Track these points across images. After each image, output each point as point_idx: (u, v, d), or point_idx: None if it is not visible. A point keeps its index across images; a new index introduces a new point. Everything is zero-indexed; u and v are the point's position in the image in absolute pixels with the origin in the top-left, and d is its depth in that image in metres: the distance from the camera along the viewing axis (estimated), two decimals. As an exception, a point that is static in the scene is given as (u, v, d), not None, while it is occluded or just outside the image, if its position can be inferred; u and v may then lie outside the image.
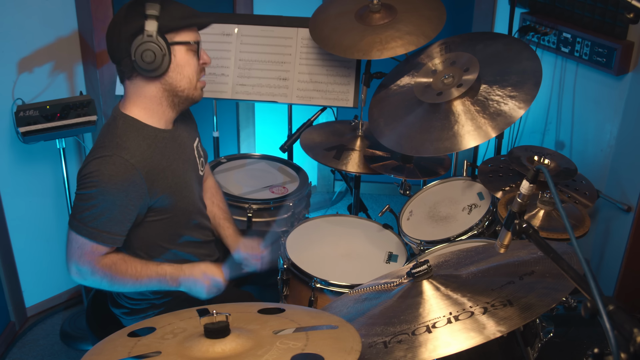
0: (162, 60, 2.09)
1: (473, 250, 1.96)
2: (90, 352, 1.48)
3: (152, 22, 2.05)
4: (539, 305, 1.50)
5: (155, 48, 2.06)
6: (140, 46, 2.05)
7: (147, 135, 2.15)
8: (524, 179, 1.47)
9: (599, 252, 3.68)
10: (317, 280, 2.40)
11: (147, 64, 2.08)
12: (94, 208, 2.03)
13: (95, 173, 2.02)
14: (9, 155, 3.23)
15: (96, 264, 2.08)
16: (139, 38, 2.05)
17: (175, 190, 2.23)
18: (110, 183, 2.02)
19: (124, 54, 2.09)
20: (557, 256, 1.31)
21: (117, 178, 2.03)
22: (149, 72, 2.10)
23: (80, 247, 2.07)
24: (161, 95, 2.18)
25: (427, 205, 2.73)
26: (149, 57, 2.07)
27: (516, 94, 2.49)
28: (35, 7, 3.10)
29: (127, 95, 2.18)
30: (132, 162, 2.06)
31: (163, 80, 2.15)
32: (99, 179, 2.02)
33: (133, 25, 2.06)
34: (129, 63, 2.10)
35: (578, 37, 3.48)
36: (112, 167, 2.03)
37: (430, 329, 1.53)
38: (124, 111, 2.16)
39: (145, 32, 2.05)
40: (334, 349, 1.37)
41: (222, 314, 1.42)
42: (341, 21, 2.94)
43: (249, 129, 4.22)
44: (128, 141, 2.09)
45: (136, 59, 2.06)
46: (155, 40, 2.06)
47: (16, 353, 3.36)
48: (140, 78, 2.14)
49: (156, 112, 2.19)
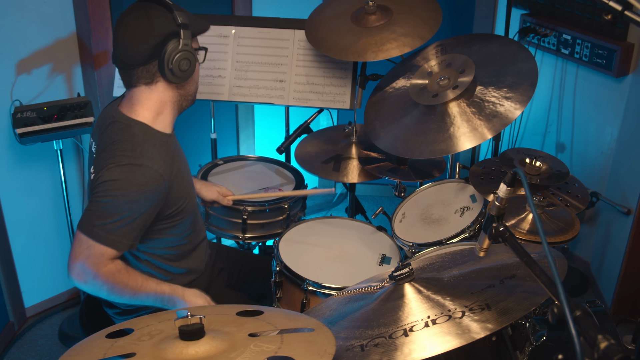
0: (194, 69, 2.15)
1: (458, 253, 1.95)
2: (67, 352, 1.48)
3: (187, 31, 2.08)
4: (516, 309, 1.49)
5: (191, 57, 2.11)
6: (177, 55, 2.07)
7: (161, 142, 2.16)
8: (502, 182, 1.46)
9: (599, 255, 3.66)
10: (309, 283, 2.39)
11: (183, 72, 2.11)
12: (118, 216, 2.03)
13: (123, 182, 2.02)
14: (8, 156, 3.25)
15: (101, 268, 2.06)
16: (174, 45, 2.07)
17: (185, 194, 2.26)
18: (139, 193, 2.03)
19: (148, 59, 2.09)
20: (530, 260, 1.31)
21: (146, 188, 2.04)
22: (180, 80, 2.14)
23: (90, 248, 2.04)
24: (175, 100, 2.21)
25: (420, 207, 2.72)
26: (185, 65, 2.11)
27: (512, 95, 2.48)
28: (33, 9, 3.11)
29: (137, 100, 2.16)
30: (160, 172, 2.07)
31: (181, 87, 2.19)
32: (128, 188, 2.02)
33: (162, 31, 2.07)
34: (152, 69, 2.11)
35: (578, 39, 3.46)
36: (142, 177, 2.03)
37: (407, 333, 1.52)
38: (134, 117, 2.15)
39: (182, 41, 2.07)
40: (308, 352, 1.36)
41: (196, 316, 1.42)
42: (337, 23, 2.94)
43: (249, 130, 4.22)
44: (150, 150, 2.09)
45: (173, 66, 2.08)
46: (191, 49, 2.10)
47: (15, 353, 3.38)
48: (163, 84, 2.15)
49: (166, 116, 2.20)
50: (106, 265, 2.07)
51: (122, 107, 2.19)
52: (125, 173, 2.03)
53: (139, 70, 2.11)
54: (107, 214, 2.02)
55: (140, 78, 2.13)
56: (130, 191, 2.02)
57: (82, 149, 3.47)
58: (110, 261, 2.08)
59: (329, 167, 2.97)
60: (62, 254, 3.59)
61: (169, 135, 2.21)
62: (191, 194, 2.33)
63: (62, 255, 3.59)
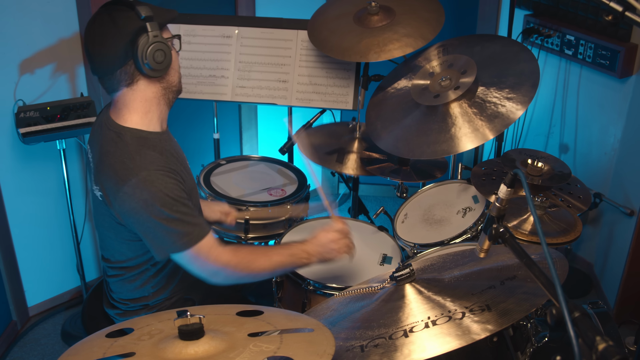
0: (171, 58, 2.13)
1: (459, 254, 1.95)
2: (67, 352, 1.48)
3: (153, 23, 2.06)
4: (516, 310, 1.49)
5: (164, 47, 2.08)
6: (149, 48, 2.05)
7: (155, 144, 2.14)
8: (502, 183, 1.46)
9: (602, 256, 3.65)
10: (309, 283, 2.39)
11: (159, 64, 2.09)
12: (179, 221, 2.03)
13: (151, 199, 2.00)
14: (11, 156, 3.26)
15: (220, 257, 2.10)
16: (144, 41, 2.05)
17: (191, 188, 2.25)
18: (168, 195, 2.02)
19: (123, 60, 2.07)
20: (530, 261, 1.30)
21: (168, 187, 2.03)
22: (159, 72, 2.12)
23: (199, 254, 2.07)
24: (160, 95, 2.18)
25: (422, 208, 2.72)
26: (160, 56, 2.08)
27: (514, 96, 2.47)
28: (36, 9, 3.12)
29: (123, 104, 2.14)
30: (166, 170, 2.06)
31: (163, 79, 2.17)
32: (159, 198, 2.01)
33: (129, 29, 2.05)
34: (130, 69, 2.09)
35: (581, 40, 3.46)
36: (158, 182, 2.02)
37: (407, 333, 1.52)
38: (122, 123, 2.13)
39: (151, 34, 2.05)
40: (307, 352, 1.36)
41: (196, 316, 1.42)
42: (339, 23, 2.94)
43: (252, 130, 4.23)
44: (146, 156, 2.07)
45: (148, 61, 2.06)
46: (162, 39, 2.08)
47: (17, 352, 3.39)
48: (144, 81, 2.13)
49: (155, 114, 2.19)
50: (222, 253, 2.11)
51: (112, 114, 2.17)
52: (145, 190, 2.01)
53: (117, 74, 2.09)
54: (171, 227, 2.02)
55: (120, 81, 2.11)
56: (163, 199, 2.01)
57: (85, 149, 3.48)
58: (218, 246, 2.11)
59: (332, 159, 2.96)
60: (65, 254, 3.60)
61: (160, 133, 2.20)
62: (194, 190, 2.32)
63: (65, 254, 3.60)
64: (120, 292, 2.33)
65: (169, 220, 2.02)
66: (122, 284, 2.29)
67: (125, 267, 2.25)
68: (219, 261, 2.10)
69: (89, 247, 3.70)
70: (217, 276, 2.13)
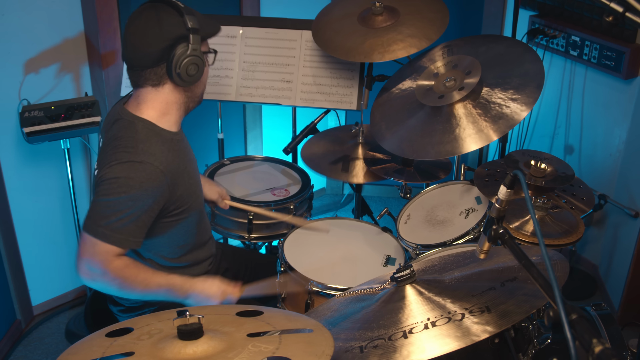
0: (202, 73, 2.15)
1: (461, 255, 1.95)
2: (67, 351, 1.48)
3: (196, 36, 2.08)
4: (516, 312, 1.48)
5: (199, 62, 2.11)
6: (186, 59, 2.07)
7: (165, 139, 2.16)
8: (502, 184, 1.46)
9: (607, 257, 3.64)
10: (313, 284, 2.39)
11: (190, 76, 2.11)
12: (121, 214, 2.03)
13: (124, 180, 2.02)
14: (15, 155, 3.27)
15: (109, 265, 2.06)
16: (182, 50, 2.07)
17: (191, 192, 2.25)
18: (141, 190, 2.03)
19: (156, 62, 2.09)
20: (528, 263, 1.30)
21: (147, 184, 2.04)
22: (187, 84, 2.14)
23: (96, 247, 2.04)
24: (182, 102, 2.21)
25: (425, 209, 2.71)
26: (193, 70, 2.11)
27: (518, 97, 2.47)
28: (41, 9, 3.13)
29: (144, 100, 2.17)
30: (161, 168, 2.07)
31: (189, 89, 2.19)
32: (130, 186, 2.02)
33: (171, 35, 2.06)
34: (160, 71, 2.11)
35: (587, 40, 3.45)
36: (142, 174, 2.03)
37: (406, 335, 1.52)
38: (138, 114, 2.16)
39: (192, 46, 2.07)
40: (305, 353, 1.36)
41: (195, 316, 1.42)
42: (344, 24, 2.94)
43: (256, 130, 4.23)
44: (152, 147, 2.09)
45: (180, 71, 2.08)
46: (200, 55, 2.10)
47: (21, 351, 3.40)
48: (170, 86, 2.15)
49: (173, 116, 2.21)
50: (113, 262, 2.06)
51: (128, 106, 2.19)
52: (126, 170, 2.03)
53: (146, 72, 2.12)
54: (110, 212, 2.02)
55: (147, 79, 2.13)
56: (132, 188, 2.02)
57: (89, 149, 3.49)
58: (117, 257, 2.07)
59: (337, 168, 2.97)
60: (69, 253, 3.61)
61: (175, 133, 2.22)
62: (197, 193, 2.33)
63: (69, 253, 3.61)
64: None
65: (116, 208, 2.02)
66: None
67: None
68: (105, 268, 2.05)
69: (93, 246, 3.71)
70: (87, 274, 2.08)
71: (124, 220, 2.04)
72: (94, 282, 2.10)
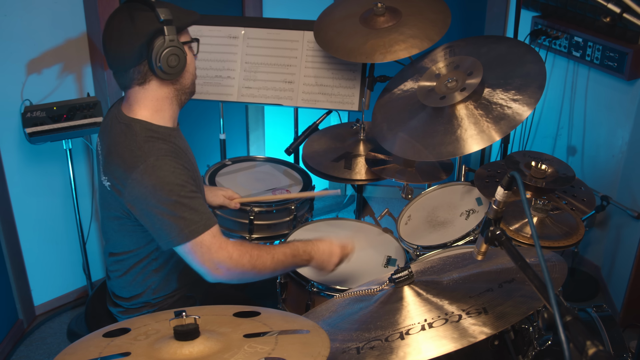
0: (185, 63, 2.13)
1: (460, 256, 1.95)
2: (64, 351, 1.49)
3: (171, 27, 2.07)
4: (513, 313, 1.48)
5: (179, 52, 2.09)
6: (164, 51, 2.06)
7: (164, 137, 2.15)
8: (499, 186, 1.45)
9: (610, 259, 3.63)
10: (313, 284, 2.39)
11: (172, 68, 2.10)
12: (187, 207, 2.02)
13: (159, 184, 2.02)
14: (18, 155, 3.27)
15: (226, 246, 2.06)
16: (159, 43, 2.06)
17: (198, 184, 2.26)
18: (176, 179, 2.03)
19: (137, 60, 2.08)
20: (524, 264, 1.30)
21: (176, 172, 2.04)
22: (172, 76, 2.13)
23: (203, 245, 2.04)
24: (173, 96, 2.20)
25: (425, 210, 2.71)
26: (174, 61, 2.09)
27: (520, 97, 2.46)
28: (44, 9, 3.13)
29: (135, 100, 2.16)
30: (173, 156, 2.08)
31: (176, 81, 2.18)
32: (167, 182, 2.02)
33: (146, 31, 2.05)
34: (144, 69, 2.11)
35: (589, 41, 3.44)
36: (166, 167, 2.03)
37: (403, 336, 1.52)
38: (133, 116, 2.16)
39: (167, 37, 2.06)
40: (301, 354, 1.36)
41: (191, 317, 1.42)
42: (345, 24, 2.93)
43: (259, 131, 4.23)
44: (155, 145, 2.09)
45: (161, 64, 2.07)
46: (178, 44, 2.09)
47: (23, 351, 3.40)
48: (156, 82, 2.15)
49: (167, 112, 2.20)
50: (227, 243, 2.08)
51: (123, 108, 2.20)
52: (152, 175, 2.02)
53: (130, 72, 2.11)
54: (178, 213, 2.02)
55: (132, 79, 2.13)
56: (171, 184, 2.02)
57: (91, 149, 3.49)
58: (225, 240, 2.08)
59: (339, 166, 2.96)
60: (71, 253, 3.61)
61: (172, 129, 2.21)
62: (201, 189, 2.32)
63: (71, 253, 3.61)
64: (123, 288, 2.34)
65: (176, 206, 2.01)
66: (124, 279, 2.30)
67: (127, 260, 2.26)
68: (223, 252, 2.06)
69: (95, 246, 3.72)
70: (219, 270, 2.07)
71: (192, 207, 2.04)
72: (230, 274, 2.09)
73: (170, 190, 2.01)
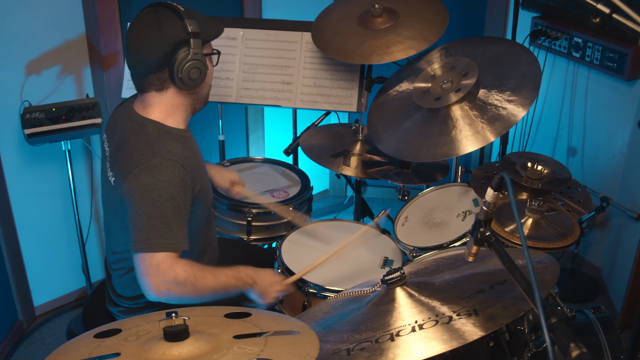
0: (205, 75, 2.15)
1: (453, 257, 1.94)
2: (55, 352, 1.49)
3: (197, 40, 2.08)
4: (503, 315, 1.47)
5: (201, 65, 2.10)
6: (187, 64, 2.07)
7: (176, 137, 2.17)
8: (489, 187, 1.45)
9: (610, 260, 3.63)
10: (310, 285, 2.39)
11: (192, 80, 2.12)
12: (165, 219, 2.01)
13: (153, 184, 2.01)
14: (17, 156, 3.28)
15: (175, 268, 2.02)
16: (184, 54, 2.07)
17: (206, 187, 2.27)
18: (171, 187, 2.02)
19: (158, 67, 2.09)
20: (512, 266, 1.29)
21: (175, 180, 2.04)
22: (191, 87, 2.14)
23: (153, 259, 2.01)
24: (188, 104, 2.22)
25: (422, 211, 2.71)
26: (195, 74, 2.11)
27: (515, 98, 2.46)
28: (43, 11, 3.14)
29: (150, 103, 2.17)
30: (181, 162, 2.08)
31: (193, 92, 2.20)
32: (160, 187, 2.01)
33: (172, 40, 2.06)
34: (163, 76, 2.11)
35: (589, 42, 3.43)
36: (167, 172, 2.03)
37: (393, 337, 1.52)
38: (146, 116, 2.17)
39: (192, 50, 2.07)
40: (290, 355, 1.36)
41: (180, 317, 1.42)
42: (343, 25, 2.93)
43: (258, 132, 4.23)
44: (166, 145, 2.10)
45: (182, 75, 2.08)
46: (201, 58, 2.10)
47: (23, 351, 3.41)
48: (174, 90, 2.16)
49: (180, 116, 2.22)
50: (177, 265, 2.03)
51: (136, 107, 2.20)
52: (150, 174, 2.02)
53: (149, 78, 2.12)
54: (154, 221, 2.01)
55: (150, 85, 2.14)
56: (163, 189, 2.02)
57: (90, 150, 3.50)
58: (177, 260, 2.05)
59: (338, 161, 2.95)
60: (70, 254, 3.62)
61: (184, 130, 2.22)
62: (208, 190, 2.32)
63: (70, 254, 3.62)
64: (123, 288, 2.34)
65: (154, 213, 2.00)
66: (125, 278, 2.31)
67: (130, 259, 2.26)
68: (170, 273, 2.02)
69: (94, 247, 3.72)
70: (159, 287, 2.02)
71: (169, 224, 2.02)
72: (170, 294, 2.05)
73: (158, 195, 2.01)
